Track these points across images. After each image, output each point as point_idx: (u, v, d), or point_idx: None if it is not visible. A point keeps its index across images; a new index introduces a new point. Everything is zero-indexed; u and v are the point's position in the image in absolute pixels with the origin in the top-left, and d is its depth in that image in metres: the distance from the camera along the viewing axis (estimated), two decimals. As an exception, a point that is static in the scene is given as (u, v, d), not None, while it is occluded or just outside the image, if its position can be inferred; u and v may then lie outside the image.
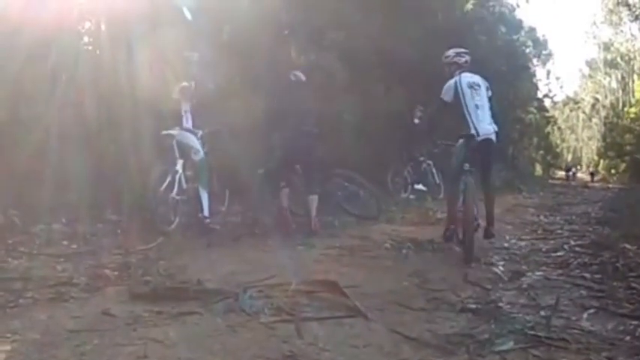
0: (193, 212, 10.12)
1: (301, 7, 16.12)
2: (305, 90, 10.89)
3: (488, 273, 7.45)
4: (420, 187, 17.06)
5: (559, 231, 12.04)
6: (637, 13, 50.89)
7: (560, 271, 7.56)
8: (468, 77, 8.93)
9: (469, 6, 25.35)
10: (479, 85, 8.89)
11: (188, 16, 13.13)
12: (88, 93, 11.07)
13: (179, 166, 9.90)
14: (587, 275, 7.25)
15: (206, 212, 10.01)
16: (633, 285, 6.64)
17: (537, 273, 7.45)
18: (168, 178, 9.70)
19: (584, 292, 6.43)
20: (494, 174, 9.74)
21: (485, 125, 8.68)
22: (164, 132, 10.00)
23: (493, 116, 8.89)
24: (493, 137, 8.78)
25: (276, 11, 15.55)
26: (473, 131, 8.57)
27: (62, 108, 10.62)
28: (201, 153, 10.14)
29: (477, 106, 8.69)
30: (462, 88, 8.75)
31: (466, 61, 9.25)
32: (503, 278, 7.12)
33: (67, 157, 10.10)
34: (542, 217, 14.94)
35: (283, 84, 11.17)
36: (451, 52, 9.41)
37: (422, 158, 17.46)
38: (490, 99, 8.98)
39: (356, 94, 16.53)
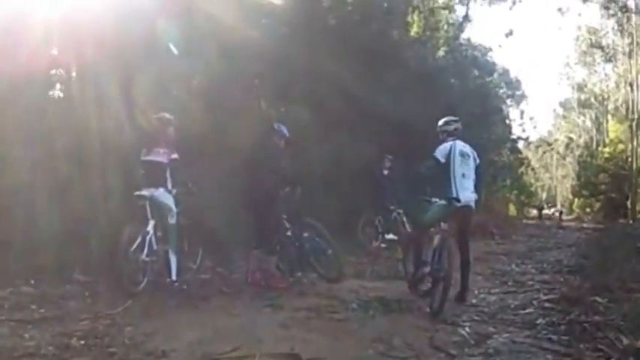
0: (163, 272, 10.05)
1: (271, 57, 15.99)
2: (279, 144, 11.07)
3: (455, 335, 7.44)
4: (390, 236, 16.95)
5: (530, 282, 12.12)
6: (610, 54, 51.25)
7: (527, 332, 7.58)
8: (461, 146, 9.66)
9: (441, 53, 25.55)
10: (469, 156, 9.65)
11: (174, 51, 13.33)
12: (58, 146, 10.96)
13: (150, 227, 9.80)
14: (555, 337, 7.27)
15: (174, 276, 9.96)
16: (600, 347, 6.67)
17: (504, 335, 7.46)
18: (139, 239, 9.57)
19: (550, 358, 6.45)
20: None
21: (467, 193, 9.39)
22: (137, 192, 9.92)
23: (477, 184, 9.64)
24: (473, 204, 9.51)
25: (247, 60, 15.45)
26: (455, 197, 9.17)
27: (32, 164, 10.46)
28: (175, 215, 10.08)
29: (463, 175, 9.42)
30: (454, 154, 9.45)
31: (455, 129, 9.99)
32: (469, 342, 7.12)
33: (35, 216, 10.04)
34: (513, 266, 15.03)
35: (262, 135, 11.37)
36: (442, 121, 10.19)
37: (392, 207, 17.34)
38: (478, 167, 9.74)
39: (326, 144, 16.63)
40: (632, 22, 45.89)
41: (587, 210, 57.24)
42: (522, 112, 49.41)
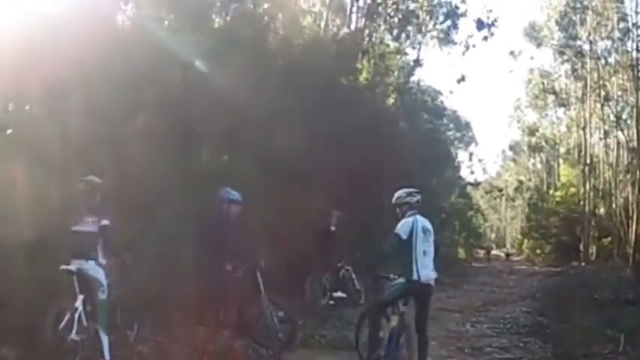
0: (95, 352, 9.00)
1: (214, 103, 15.15)
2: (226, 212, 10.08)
3: None
4: (339, 294, 16.26)
5: (488, 348, 11.56)
6: (563, 98, 51.46)
7: None
8: (422, 221, 8.88)
9: (391, 100, 25.09)
10: (430, 232, 8.93)
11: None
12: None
13: (79, 303, 8.83)
14: None
15: (107, 356, 8.96)
16: None
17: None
18: (67, 316, 8.64)
19: None
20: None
21: (428, 272, 8.73)
22: (62, 267, 8.93)
23: (435, 260, 8.97)
24: (433, 283, 8.87)
25: (187, 105, 14.76)
26: (415, 276, 8.53)
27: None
28: (106, 290, 9.10)
29: (424, 252, 8.72)
30: (417, 231, 8.69)
31: (417, 201, 9.07)
32: None
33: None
34: (468, 326, 14.41)
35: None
36: (402, 192, 9.17)
37: (340, 264, 16.70)
38: (435, 241, 9.13)
39: (272, 196, 15.79)
40: (586, 67, 45.87)
41: (538, 251, 56.96)
42: (471, 155, 49.12)
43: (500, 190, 72.26)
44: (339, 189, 18.02)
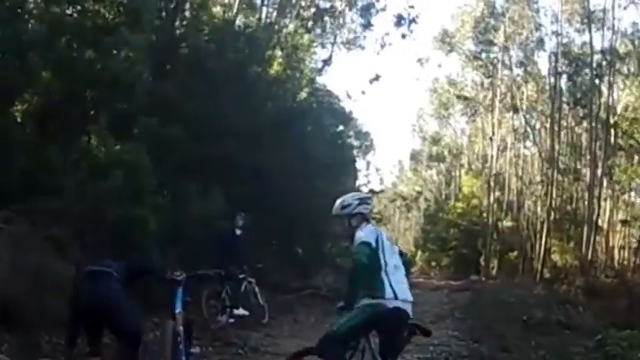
0: None
1: (109, 83, 13.42)
2: None
3: None
4: (240, 312, 14.05)
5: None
6: (473, 107, 50.92)
7: None
8: (384, 232, 6.80)
9: (303, 94, 23.56)
10: (395, 245, 6.85)
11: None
12: None
13: None
14: None
15: None
16: None
17: None
18: None
19: None
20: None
21: (404, 288, 6.42)
22: None
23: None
24: (410, 308, 6.42)
25: (80, 85, 13.38)
26: (390, 294, 6.20)
27: None
28: None
29: (395, 267, 6.47)
30: (383, 242, 6.50)
31: (371, 211, 6.97)
32: None
33: None
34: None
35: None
36: (352, 199, 6.82)
37: (242, 276, 14.53)
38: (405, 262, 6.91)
39: (165, 193, 14.31)
40: (497, 76, 45.44)
41: (433, 264, 56.12)
42: (369, 164, 47.78)
43: (405, 199, 71.10)
44: (245, 188, 16.78)
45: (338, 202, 6.77)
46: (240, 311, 14.03)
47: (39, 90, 13.45)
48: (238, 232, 14.49)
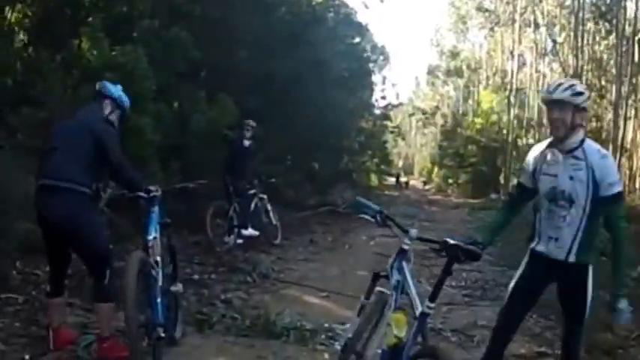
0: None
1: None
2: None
3: None
4: (250, 232, 12.73)
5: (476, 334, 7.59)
6: (493, 20, 49.23)
7: None
8: None
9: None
10: None
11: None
12: None
13: None
14: None
15: None
16: None
17: None
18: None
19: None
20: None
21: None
22: None
23: None
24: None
25: None
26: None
27: None
28: None
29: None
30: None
31: None
32: None
33: None
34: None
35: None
36: (584, 88, 4.81)
37: (252, 191, 13.19)
38: None
39: (167, 101, 12.93)
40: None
41: (450, 181, 55.17)
42: (385, 79, 46.21)
43: (425, 113, 69.36)
44: (256, 98, 15.52)
45: (564, 84, 4.71)
46: (250, 231, 12.74)
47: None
48: (247, 142, 12.97)
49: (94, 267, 5.57)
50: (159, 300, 5.55)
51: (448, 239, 4.27)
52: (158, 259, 5.71)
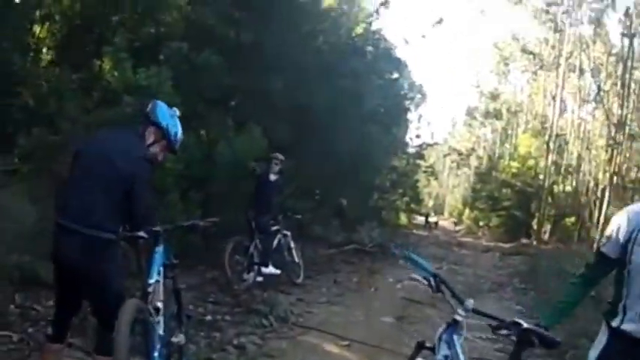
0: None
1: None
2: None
3: None
4: (270, 270, 12.08)
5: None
6: (537, 64, 48.88)
7: None
8: None
9: (359, 30, 21.66)
10: None
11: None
12: None
13: None
14: None
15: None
16: None
17: None
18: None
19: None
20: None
21: None
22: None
23: None
24: None
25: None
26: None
27: None
28: None
29: None
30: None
31: None
32: None
33: None
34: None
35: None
36: None
37: (275, 227, 12.62)
38: None
39: (193, 129, 12.25)
40: (564, 34, 43.43)
41: (481, 223, 54.41)
42: (420, 116, 46.01)
43: (460, 154, 68.94)
44: (287, 129, 14.95)
45: None
46: (271, 269, 12.08)
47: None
48: (273, 177, 12.43)
49: (103, 318, 4.93)
50: (156, 353, 4.96)
51: (520, 320, 3.79)
52: (159, 305, 5.11)
